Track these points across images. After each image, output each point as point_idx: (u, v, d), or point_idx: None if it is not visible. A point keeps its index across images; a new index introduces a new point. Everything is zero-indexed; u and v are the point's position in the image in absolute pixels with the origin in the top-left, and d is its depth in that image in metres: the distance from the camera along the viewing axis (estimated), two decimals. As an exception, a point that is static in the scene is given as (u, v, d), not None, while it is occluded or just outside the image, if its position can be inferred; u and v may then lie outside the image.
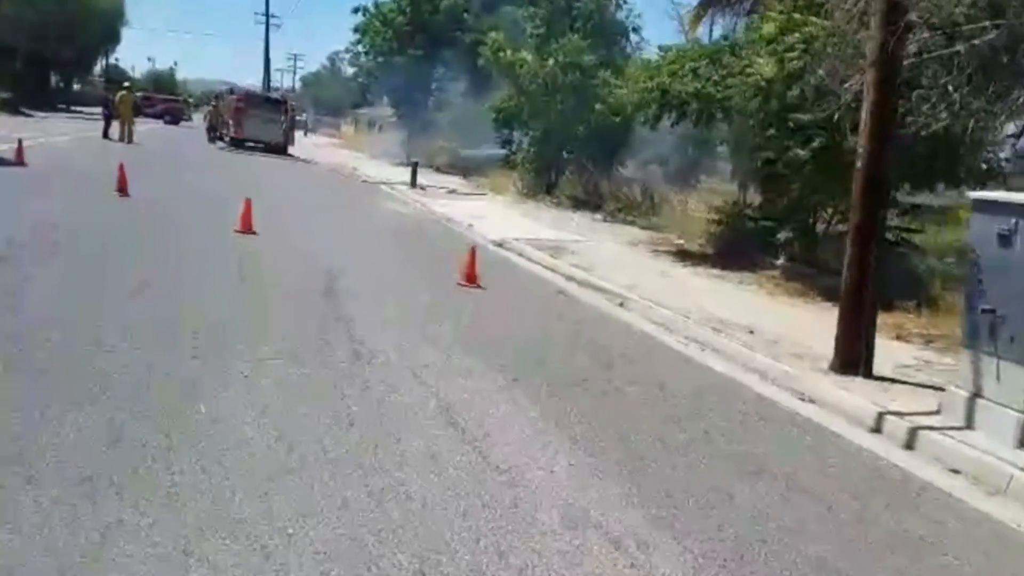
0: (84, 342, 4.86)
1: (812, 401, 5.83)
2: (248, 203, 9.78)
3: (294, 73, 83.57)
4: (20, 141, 14.85)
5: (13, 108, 37.75)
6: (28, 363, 4.41)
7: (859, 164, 6.17)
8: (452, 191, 21.55)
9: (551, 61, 18.42)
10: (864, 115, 6.15)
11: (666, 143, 23.44)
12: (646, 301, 8.61)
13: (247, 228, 9.70)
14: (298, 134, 35.45)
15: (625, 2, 19.26)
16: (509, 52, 19.31)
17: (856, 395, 5.76)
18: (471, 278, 8.58)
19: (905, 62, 6.25)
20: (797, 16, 8.67)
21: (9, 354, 4.51)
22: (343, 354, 5.31)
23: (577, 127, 19.19)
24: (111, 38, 55.56)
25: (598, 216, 17.48)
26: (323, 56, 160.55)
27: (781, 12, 9.01)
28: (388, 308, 6.95)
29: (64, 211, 9.82)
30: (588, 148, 19.74)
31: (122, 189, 11.45)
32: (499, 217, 16.14)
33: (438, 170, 27.22)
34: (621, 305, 8.67)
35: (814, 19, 8.26)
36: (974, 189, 11.14)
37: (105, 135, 24.15)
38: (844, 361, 6.22)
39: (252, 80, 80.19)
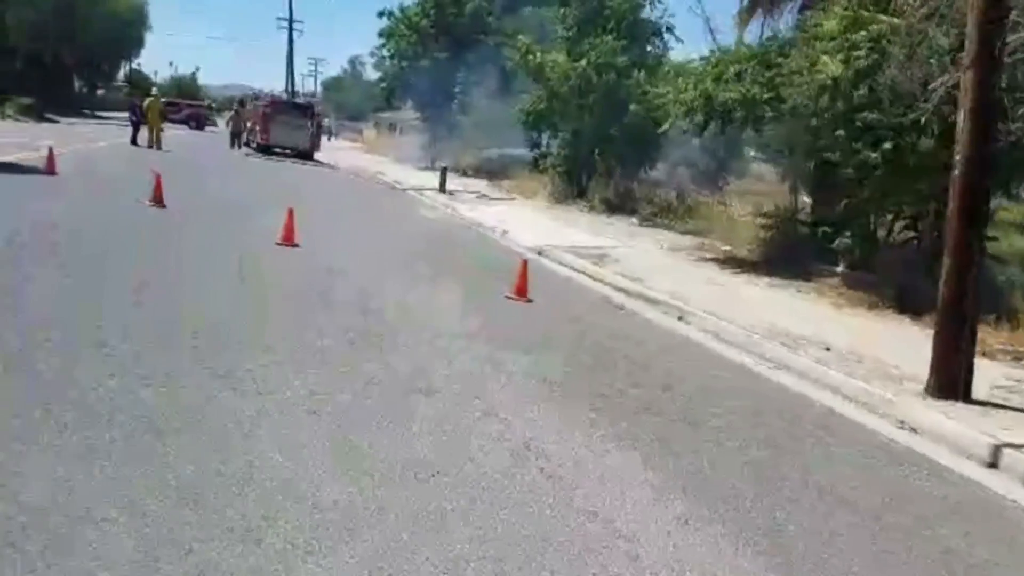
0: (136, 379, 4.47)
1: (913, 429, 5.36)
2: (290, 215, 9.42)
3: (315, 77, 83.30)
4: (51, 149, 14.59)
5: (37, 114, 37.82)
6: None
7: (956, 171, 5.68)
8: (481, 195, 21.18)
9: (583, 62, 17.97)
10: (961, 119, 5.67)
11: (693, 145, 23.00)
12: (705, 314, 8.16)
13: (289, 240, 9.34)
14: (322, 139, 35.17)
15: (660, 1, 18.73)
16: (539, 54, 18.87)
17: (960, 423, 5.27)
18: (521, 291, 8.17)
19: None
20: (865, 13, 8.16)
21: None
22: (405, 382, 4.89)
23: (609, 129, 18.75)
24: (134, 44, 55.72)
25: (633, 221, 17.02)
26: (343, 60, 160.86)
27: (846, 8, 8.50)
28: (445, 328, 6.53)
29: (100, 225, 9.49)
30: (621, 150, 19.30)
31: (158, 199, 11.12)
32: (533, 223, 15.71)
33: (464, 174, 26.85)
34: (680, 319, 8.22)
35: (882, 16, 7.76)
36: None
37: (133, 141, 23.96)
38: (941, 383, 5.74)
39: (274, 85, 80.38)
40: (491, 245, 13.14)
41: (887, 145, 8.23)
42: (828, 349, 7.02)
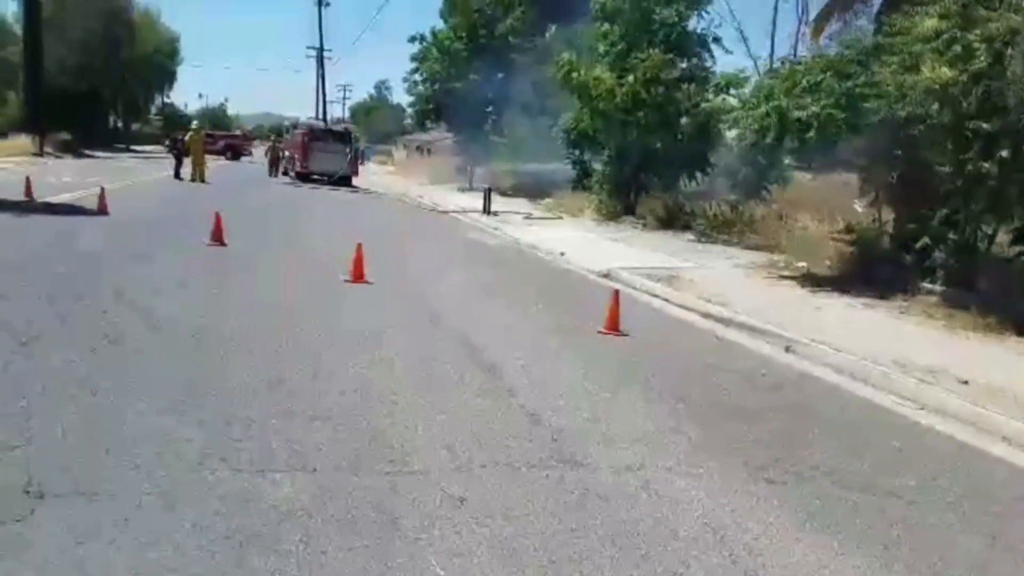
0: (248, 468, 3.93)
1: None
2: (358, 250, 8.93)
3: (343, 103, 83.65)
4: (103, 189, 14.33)
5: (74, 150, 38.13)
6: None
7: None
8: (527, 216, 20.65)
9: (631, 78, 17.41)
10: None
11: (733, 154, 22.30)
12: (812, 343, 7.49)
13: (359, 277, 8.86)
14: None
15: (707, 12, 18.16)
16: (583, 71, 18.33)
17: None
18: (614, 325, 7.57)
19: None
20: (983, 9, 7.44)
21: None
22: (543, 453, 4.29)
23: (656, 143, 18.15)
24: (167, 77, 56.33)
25: (690, 237, 16.36)
26: (369, 85, 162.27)
27: (956, 3, 7.77)
28: (556, 375, 5.95)
29: (164, 268, 9.07)
30: (670, 164, 18.70)
31: (218, 238, 10.72)
32: (588, 243, 15.15)
33: (503, 193, 26.36)
34: (788, 350, 7.57)
35: (1012, 15, 7.04)
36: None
37: (176, 175, 23.84)
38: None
39: (302, 112, 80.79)
40: (553, 270, 12.57)
41: (1004, 153, 7.52)
42: (966, 383, 6.33)
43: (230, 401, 4.59)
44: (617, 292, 7.95)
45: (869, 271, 10.58)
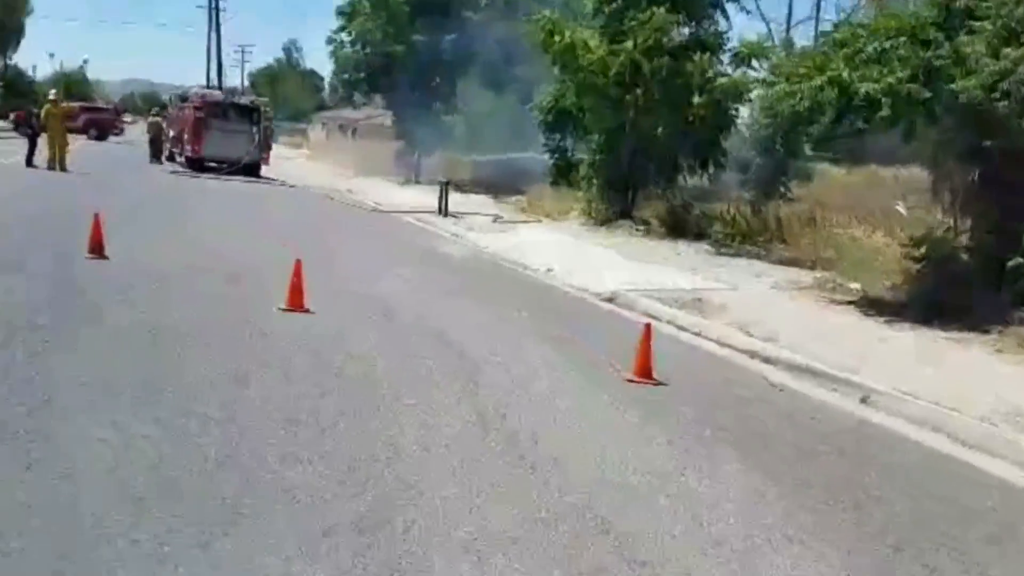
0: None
1: None
2: (297, 271, 8.43)
3: (242, 69, 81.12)
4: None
5: None
6: None
7: None
8: (496, 218, 20.38)
9: (628, 44, 17.29)
10: None
11: (743, 141, 22.42)
12: (898, 393, 7.30)
13: (297, 304, 8.37)
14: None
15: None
16: (567, 33, 18.14)
17: None
18: (645, 372, 7.25)
19: None
20: None
21: None
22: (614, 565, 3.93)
23: (658, 127, 18.00)
24: (13, 35, 54.58)
25: (707, 247, 16.25)
26: (275, 47, 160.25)
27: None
28: (591, 450, 5.59)
29: (35, 291, 8.43)
30: (676, 154, 18.63)
31: (96, 248, 10.10)
32: (579, 255, 14.92)
33: (460, 189, 26.03)
34: (864, 401, 7.35)
35: None
36: None
37: (29, 162, 22.85)
38: None
39: (187, 79, 79.09)
40: (542, 290, 12.28)
41: None
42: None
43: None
44: (649, 327, 7.63)
45: (941, 293, 10.48)
